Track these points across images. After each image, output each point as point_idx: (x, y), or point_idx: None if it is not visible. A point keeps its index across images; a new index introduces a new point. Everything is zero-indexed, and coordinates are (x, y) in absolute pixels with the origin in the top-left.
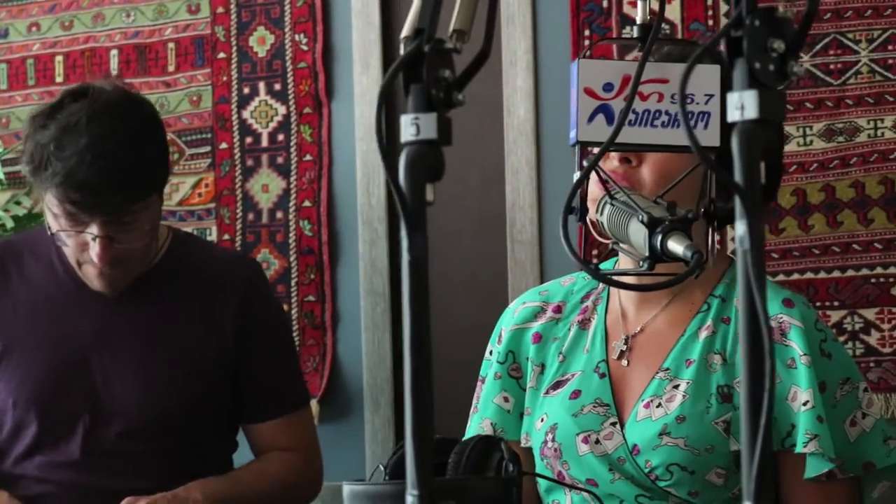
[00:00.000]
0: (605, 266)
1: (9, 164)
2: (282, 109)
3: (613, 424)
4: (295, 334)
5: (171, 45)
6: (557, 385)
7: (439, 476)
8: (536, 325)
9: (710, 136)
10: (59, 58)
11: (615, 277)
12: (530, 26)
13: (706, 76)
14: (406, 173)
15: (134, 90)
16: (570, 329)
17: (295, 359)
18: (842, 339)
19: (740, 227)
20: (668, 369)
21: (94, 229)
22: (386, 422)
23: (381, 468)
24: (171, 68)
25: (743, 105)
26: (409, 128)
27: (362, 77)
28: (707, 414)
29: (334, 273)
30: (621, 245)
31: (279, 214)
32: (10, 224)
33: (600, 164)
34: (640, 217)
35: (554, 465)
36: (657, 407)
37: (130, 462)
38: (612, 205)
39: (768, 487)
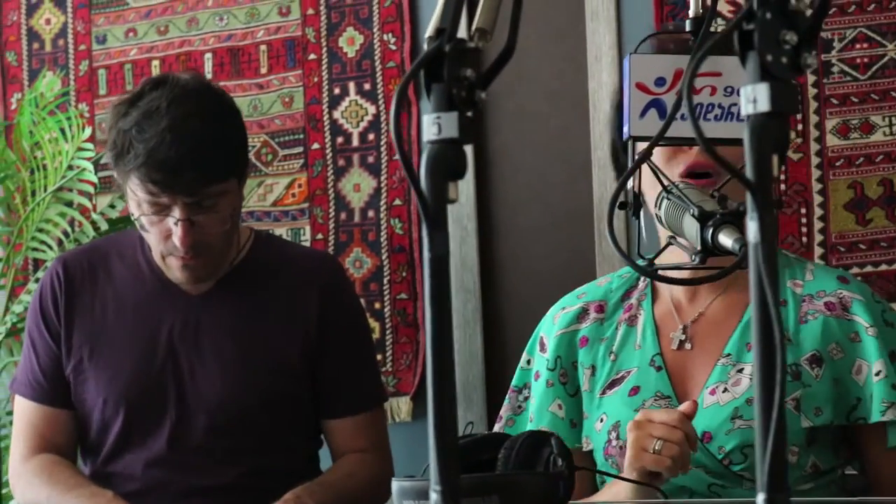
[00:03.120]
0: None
1: (104, 168)
2: (372, 109)
3: None
4: (388, 332)
5: (263, 47)
6: (613, 384)
7: (489, 472)
8: (583, 328)
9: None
10: (156, 62)
11: (661, 272)
12: (614, 20)
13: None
14: (427, 172)
15: (211, 80)
16: (617, 328)
17: (373, 357)
18: None
19: (751, 224)
20: (729, 355)
21: (175, 213)
22: (479, 418)
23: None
24: (263, 70)
25: (755, 98)
26: (430, 127)
27: None
28: None
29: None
30: (678, 239)
31: (370, 213)
32: (104, 226)
33: (674, 158)
34: (692, 211)
35: (620, 464)
36: (724, 392)
37: (217, 458)
38: (668, 199)
39: (783, 480)
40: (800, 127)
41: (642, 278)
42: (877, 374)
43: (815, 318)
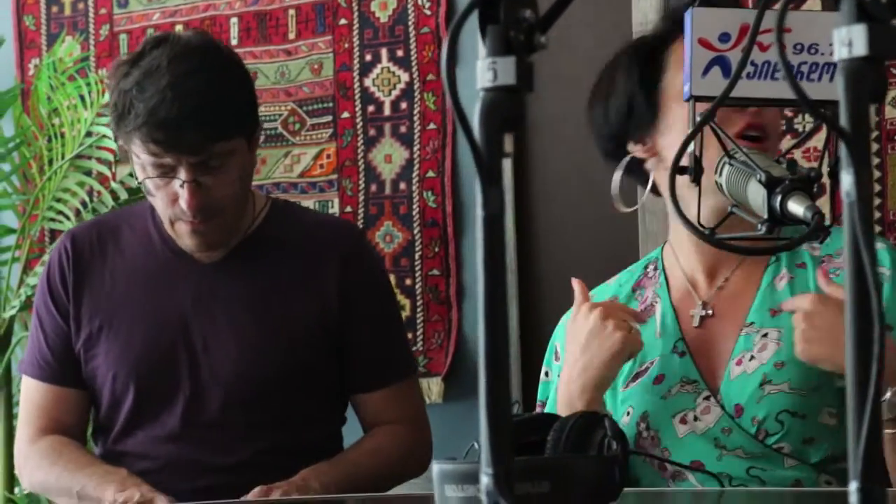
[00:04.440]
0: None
1: None
2: (405, 77)
3: (707, 398)
4: (419, 310)
5: (291, 11)
6: (636, 377)
7: (538, 454)
8: None
9: (836, 89)
10: (179, 27)
11: (728, 242)
12: None
13: (832, 24)
14: (481, 122)
15: (215, 37)
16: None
17: (400, 327)
18: None
19: (846, 178)
20: (752, 323)
21: (181, 174)
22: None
23: (475, 446)
24: (291, 36)
25: (851, 41)
26: (485, 73)
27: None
28: None
29: (459, 246)
30: (740, 208)
31: (402, 185)
32: (123, 195)
33: (728, 120)
34: (759, 177)
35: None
36: (750, 360)
37: (231, 434)
38: (731, 164)
39: (878, 467)
40: None
41: (652, 267)
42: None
43: (837, 275)
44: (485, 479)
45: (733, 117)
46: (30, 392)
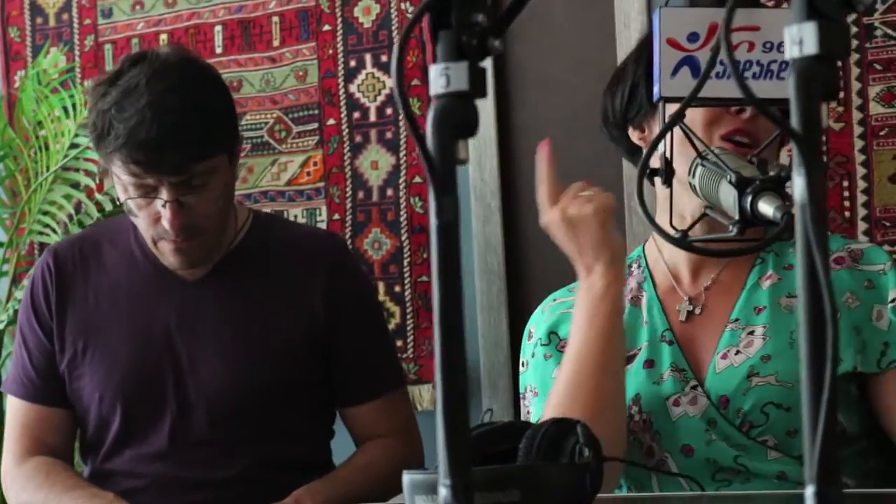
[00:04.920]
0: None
1: None
2: (389, 82)
3: (694, 388)
4: (409, 317)
5: (275, 18)
6: (626, 361)
7: (510, 462)
8: None
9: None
10: (164, 36)
11: (697, 245)
12: None
13: None
14: (434, 129)
15: (193, 53)
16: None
17: (388, 339)
18: None
19: (798, 180)
20: (737, 320)
21: (163, 194)
22: (504, 406)
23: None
24: (275, 43)
25: (801, 39)
26: (438, 79)
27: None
28: (791, 349)
29: None
30: (713, 209)
31: (389, 192)
32: (108, 206)
33: (715, 123)
34: (729, 178)
35: (643, 440)
36: (736, 354)
37: (220, 451)
38: (703, 166)
39: (835, 470)
40: (841, 95)
41: (636, 265)
42: (892, 301)
43: None
44: (443, 491)
45: (725, 119)
46: (14, 411)
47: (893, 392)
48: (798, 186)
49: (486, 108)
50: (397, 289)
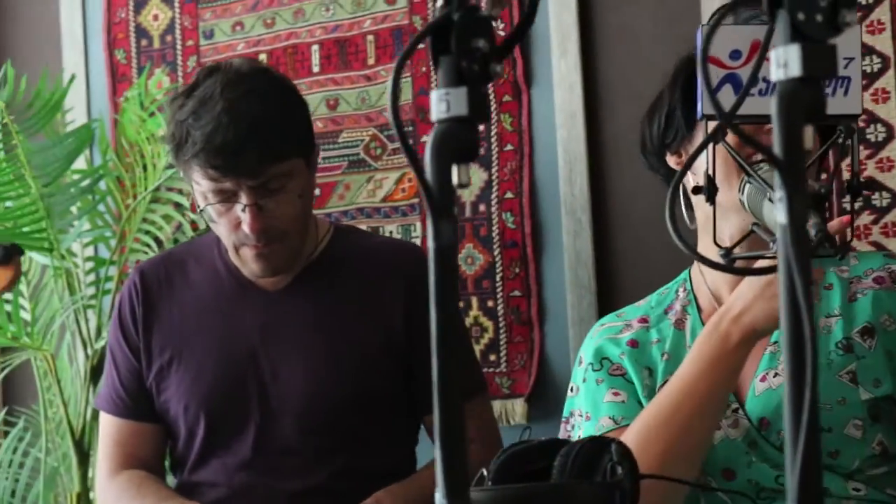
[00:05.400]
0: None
1: None
2: None
3: (735, 410)
4: (502, 332)
5: (370, 37)
6: None
7: (544, 480)
8: (628, 335)
9: (850, 103)
10: (263, 56)
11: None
12: None
13: (846, 37)
14: (432, 154)
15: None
16: (665, 330)
17: (467, 346)
18: None
19: (779, 202)
20: (776, 343)
21: (242, 199)
22: None
23: (483, 473)
24: (370, 61)
25: (786, 62)
26: (439, 104)
27: (560, 62)
28: (829, 370)
29: (539, 266)
30: (760, 226)
31: (482, 207)
32: (203, 225)
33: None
34: (769, 195)
35: None
36: (774, 377)
37: (303, 460)
38: (751, 183)
39: (817, 496)
40: None
41: (682, 290)
42: None
43: (865, 294)
44: None
45: (760, 137)
46: (106, 427)
47: None
48: (779, 210)
49: (577, 123)
50: (490, 304)
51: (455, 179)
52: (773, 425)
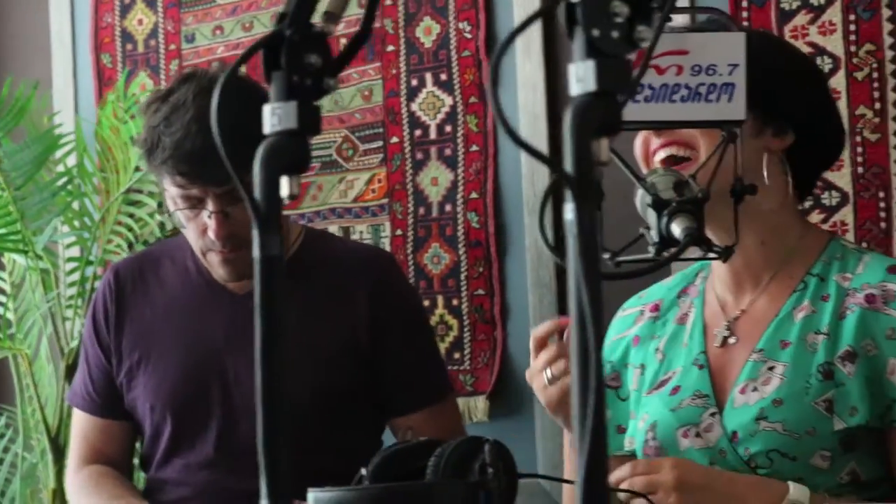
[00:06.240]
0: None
1: None
2: (448, 100)
3: (713, 415)
4: (466, 330)
5: (342, 40)
6: (661, 384)
7: (419, 479)
8: (634, 330)
9: (734, 110)
10: None
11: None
12: None
13: (730, 44)
14: (260, 167)
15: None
16: (667, 326)
17: (434, 350)
18: None
19: (568, 213)
20: (762, 350)
21: (209, 205)
22: None
23: (363, 472)
24: None
25: (584, 77)
26: (270, 118)
27: (525, 64)
28: (806, 395)
29: (502, 266)
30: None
31: (448, 207)
32: (169, 225)
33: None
34: (647, 200)
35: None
36: (753, 391)
37: None
38: (640, 188)
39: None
40: (877, 106)
41: (700, 275)
42: None
43: (853, 311)
44: None
45: (652, 141)
46: (76, 422)
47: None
48: (568, 220)
49: (540, 124)
50: (455, 302)
51: (284, 191)
52: (741, 442)
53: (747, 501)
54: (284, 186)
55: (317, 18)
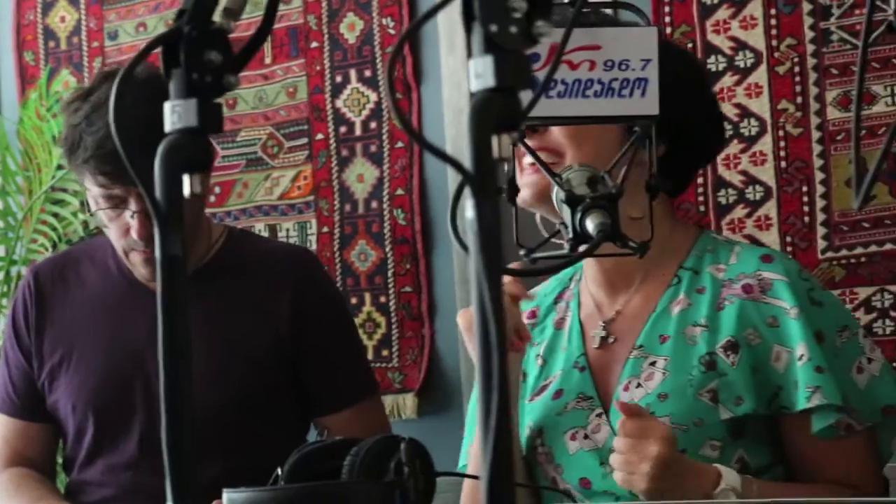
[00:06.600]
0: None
1: None
2: (373, 96)
3: (599, 416)
4: (394, 327)
5: (265, 41)
6: (541, 389)
7: (335, 479)
8: None
9: (647, 104)
10: None
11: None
12: None
13: (642, 39)
14: (160, 165)
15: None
16: (546, 332)
17: (357, 348)
18: None
19: (468, 210)
20: (641, 347)
21: (131, 205)
22: None
23: (278, 473)
24: (267, 60)
25: (480, 73)
26: (171, 116)
27: (449, 58)
28: (690, 387)
29: (429, 262)
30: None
31: (374, 204)
32: (93, 223)
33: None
34: (561, 196)
35: (547, 472)
36: (637, 387)
37: None
38: (556, 183)
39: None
40: (799, 100)
41: (573, 279)
42: (800, 359)
43: (732, 302)
44: None
45: (531, 141)
46: None
47: (795, 434)
48: (469, 216)
49: (464, 120)
50: (382, 299)
51: (187, 189)
52: None
53: (686, 487)
54: (186, 185)
55: (217, 17)
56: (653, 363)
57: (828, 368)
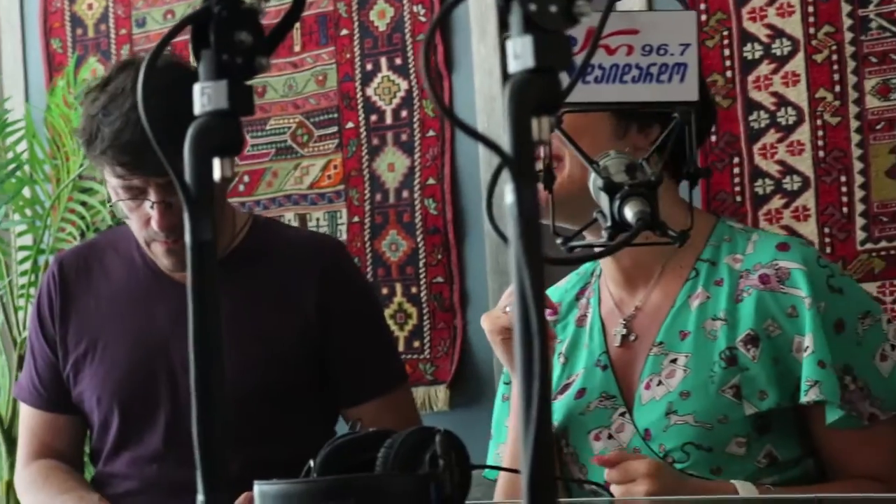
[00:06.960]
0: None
1: None
2: (404, 84)
3: (623, 415)
4: (426, 318)
5: (295, 24)
6: (564, 388)
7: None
8: None
9: (686, 90)
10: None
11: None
12: None
13: (681, 23)
14: (190, 148)
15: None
16: (568, 329)
17: (385, 338)
18: None
19: (508, 195)
20: (661, 343)
21: (151, 196)
22: None
23: (311, 465)
24: (297, 48)
25: (519, 53)
26: (200, 98)
27: (480, 46)
28: (712, 384)
29: (461, 252)
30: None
31: (405, 194)
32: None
33: None
34: (599, 184)
35: (574, 472)
36: (658, 385)
37: None
38: (592, 171)
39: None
40: (837, 89)
41: (595, 274)
42: (805, 350)
43: (750, 294)
44: None
45: None
46: (24, 417)
47: (814, 425)
48: (508, 202)
49: (496, 107)
50: (414, 290)
51: (217, 173)
52: (654, 438)
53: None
54: (217, 169)
55: None
56: (673, 360)
57: (831, 363)
